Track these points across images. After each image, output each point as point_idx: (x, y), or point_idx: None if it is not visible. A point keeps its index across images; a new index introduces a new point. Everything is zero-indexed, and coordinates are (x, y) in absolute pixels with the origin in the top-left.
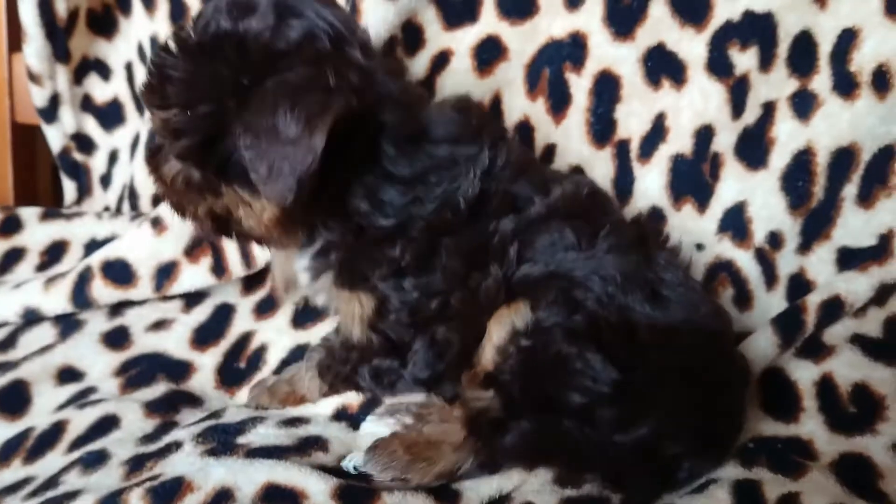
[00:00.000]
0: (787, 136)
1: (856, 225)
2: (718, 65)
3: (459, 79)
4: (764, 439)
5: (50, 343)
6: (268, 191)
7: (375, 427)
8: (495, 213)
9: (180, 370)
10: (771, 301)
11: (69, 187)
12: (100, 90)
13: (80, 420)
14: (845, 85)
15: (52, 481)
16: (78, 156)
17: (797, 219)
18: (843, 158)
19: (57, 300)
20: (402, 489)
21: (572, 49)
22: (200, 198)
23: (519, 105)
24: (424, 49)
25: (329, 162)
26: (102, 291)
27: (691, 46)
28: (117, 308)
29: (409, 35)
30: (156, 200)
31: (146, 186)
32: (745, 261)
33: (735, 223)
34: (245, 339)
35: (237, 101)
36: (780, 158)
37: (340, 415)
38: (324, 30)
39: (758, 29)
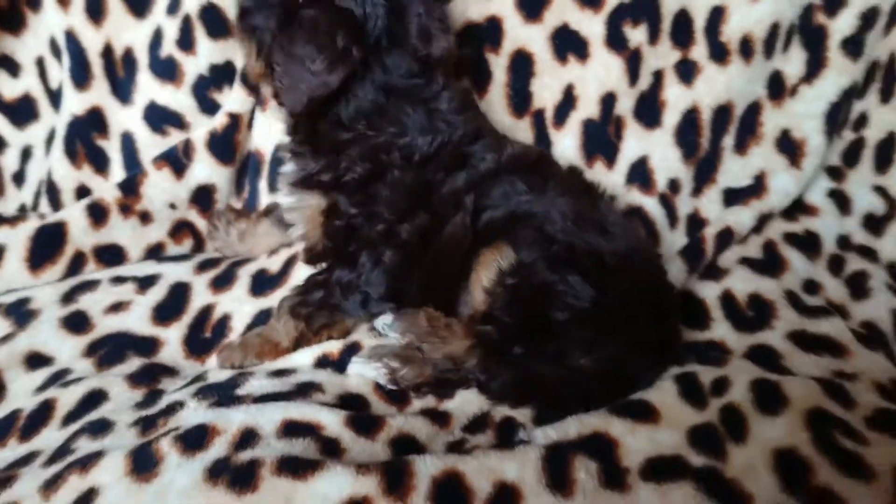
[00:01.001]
0: (676, 98)
1: (735, 169)
2: (615, 40)
3: None
4: (688, 344)
5: (8, 333)
6: (284, 98)
7: (362, 368)
8: (444, 166)
9: (148, 346)
10: (674, 237)
11: None
12: (9, 87)
13: (67, 397)
14: (719, 53)
15: (63, 449)
16: None
17: (690, 167)
18: (722, 114)
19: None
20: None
21: (490, 31)
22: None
23: None
24: None
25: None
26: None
27: (591, 25)
28: (69, 295)
29: None
30: (80, 194)
31: (68, 180)
32: (651, 206)
33: (640, 175)
34: (207, 311)
35: (279, 28)
36: (671, 117)
37: (323, 362)
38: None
39: (645, 8)
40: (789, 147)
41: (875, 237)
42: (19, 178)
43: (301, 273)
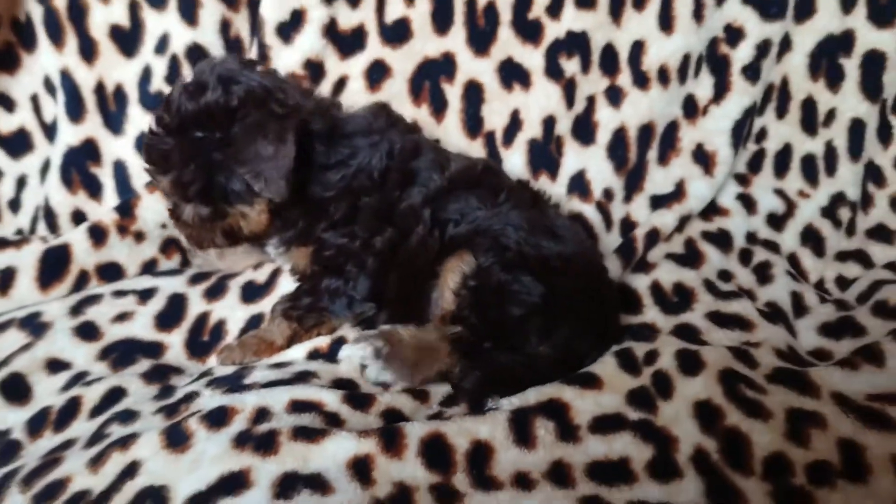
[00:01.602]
0: (607, 119)
1: (659, 178)
2: (553, 70)
3: (356, 97)
4: (625, 326)
5: (27, 342)
6: (268, 193)
7: (352, 350)
8: (398, 184)
9: (154, 349)
10: (610, 239)
11: None
12: (5, 121)
13: (91, 394)
14: (641, 80)
15: (98, 435)
16: None
17: (621, 178)
18: (646, 132)
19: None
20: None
21: (445, 65)
22: (212, 226)
23: (407, 112)
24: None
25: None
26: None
27: (532, 58)
28: (77, 308)
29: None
30: (76, 218)
31: (64, 205)
32: (590, 212)
33: (579, 185)
34: (203, 317)
35: (221, 151)
36: (603, 135)
37: (314, 355)
38: (256, 84)
39: (577, 43)
40: (703, 158)
41: (777, 232)
42: (15, 204)
43: (286, 283)
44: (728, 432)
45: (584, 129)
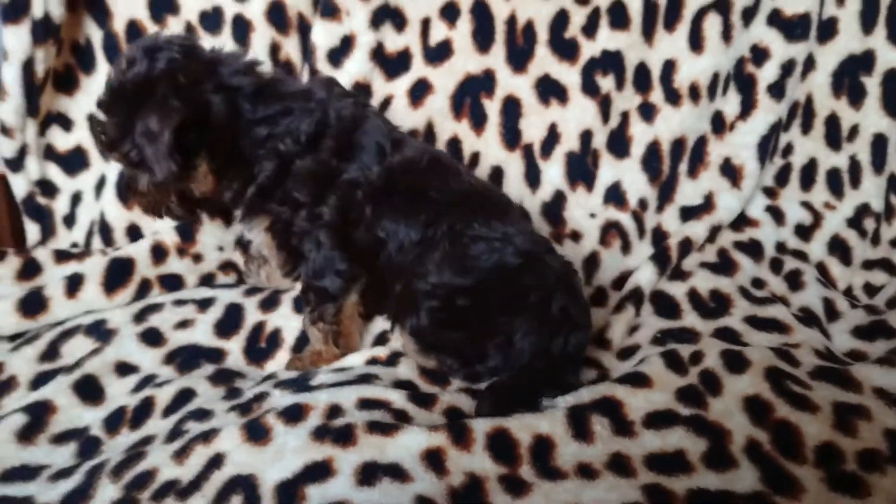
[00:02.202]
0: (640, 133)
1: (688, 190)
2: (589, 87)
3: (399, 114)
4: (665, 331)
5: (96, 347)
6: (158, 172)
7: None
8: (333, 152)
9: (215, 355)
10: (642, 247)
11: (32, 229)
12: (62, 140)
13: (163, 395)
14: (673, 97)
15: (176, 431)
16: (42, 200)
17: (654, 189)
18: (678, 146)
19: (118, 304)
20: None
21: (485, 81)
22: (166, 192)
23: (448, 126)
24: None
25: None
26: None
27: (569, 75)
28: (140, 315)
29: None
30: (131, 232)
31: (120, 220)
32: (626, 220)
33: (615, 196)
34: (259, 326)
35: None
36: (637, 149)
37: (372, 362)
38: (176, 52)
39: (611, 62)
40: (731, 172)
41: (805, 242)
42: (70, 220)
43: None
44: (778, 424)
45: (619, 143)
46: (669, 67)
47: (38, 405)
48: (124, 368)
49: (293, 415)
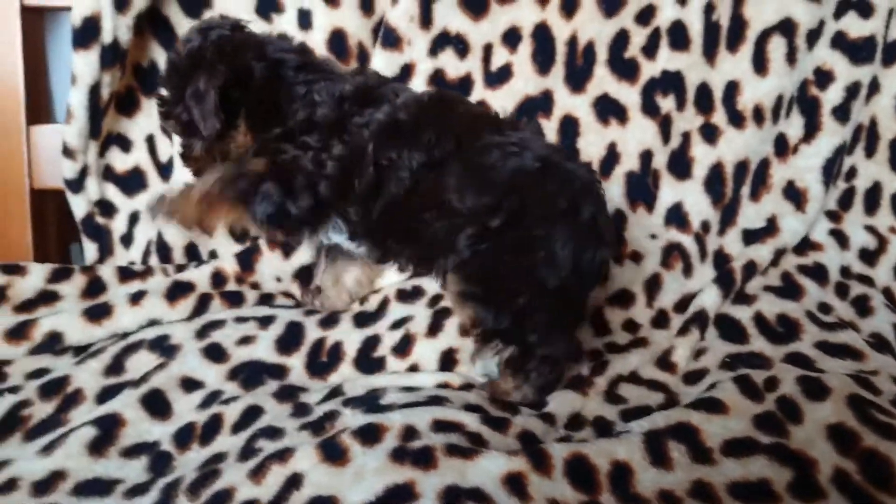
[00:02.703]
0: (702, 154)
1: (750, 213)
2: (649, 107)
3: None
4: (734, 355)
5: (161, 363)
6: (204, 129)
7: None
8: (355, 101)
9: (278, 371)
10: (704, 270)
11: (90, 248)
12: (120, 161)
13: (230, 412)
14: (736, 119)
15: (248, 449)
16: (100, 219)
17: (717, 211)
18: (741, 169)
19: (180, 313)
20: None
21: (543, 101)
22: (212, 154)
23: None
24: None
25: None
26: (217, 308)
27: (628, 95)
28: (202, 332)
29: None
30: (189, 251)
31: (178, 239)
32: (688, 243)
33: (677, 217)
34: (320, 341)
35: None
36: (700, 170)
37: (443, 387)
38: (227, 28)
39: (672, 82)
40: (794, 195)
41: (870, 267)
42: (127, 239)
43: (397, 310)
44: (866, 454)
45: (680, 164)
46: (732, 89)
47: (108, 418)
48: (189, 384)
49: (369, 435)
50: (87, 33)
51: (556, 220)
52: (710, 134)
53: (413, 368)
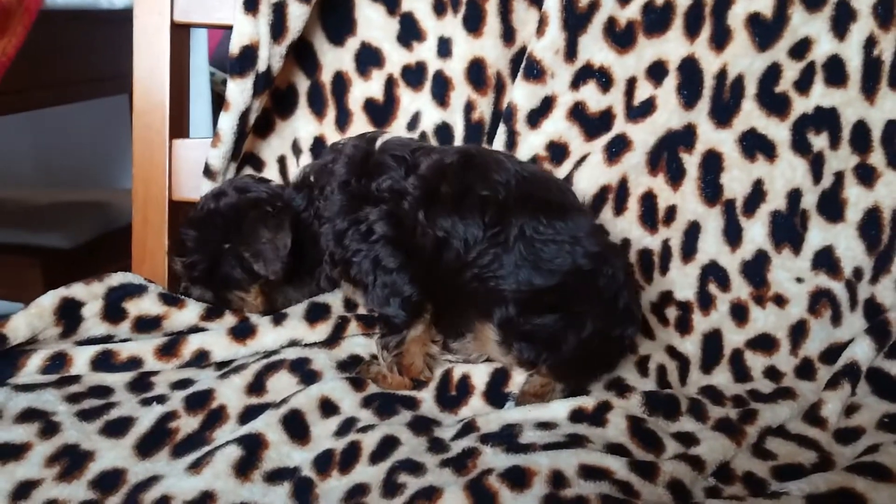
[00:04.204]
0: (856, 197)
1: None
2: (800, 144)
3: (593, 170)
4: (892, 415)
5: (301, 388)
6: (264, 271)
7: None
8: (358, 177)
9: (410, 402)
10: (853, 319)
11: None
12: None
13: (368, 440)
14: None
15: (392, 483)
16: None
17: (871, 258)
18: None
19: (319, 334)
20: None
21: (685, 136)
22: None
23: (643, 181)
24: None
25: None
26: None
27: (777, 131)
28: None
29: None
30: None
31: None
32: (838, 290)
33: (827, 262)
34: (447, 373)
35: (230, 241)
36: (853, 214)
37: (578, 416)
38: (263, 193)
39: (826, 119)
40: None
41: None
42: None
43: None
44: None
45: (832, 206)
46: (893, 129)
47: (251, 439)
48: (328, 407)
49: (517, 479)
50: (244, 62)
51: (595, 305)
52: (866, 175)
53: None
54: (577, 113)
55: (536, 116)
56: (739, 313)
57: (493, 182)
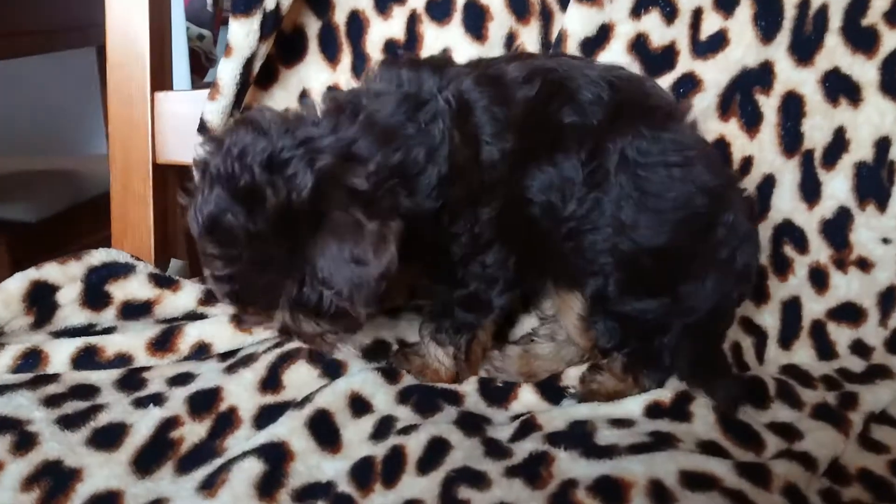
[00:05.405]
0: None
1: None
2: (889, 86)
3: None
4: None
5: (323, 381)
6: (353, 306)
7: None
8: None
9: (452, 396)
10: None
11: None
12: None
13: (413, 444)
14: None
15: (449, 499)
16: None
17: None
18: None
19: None
20: None
21: (761, 75)
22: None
23: (713, 127)
24: None
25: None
26: None
27: (864, 70)
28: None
29: None
30: None
31: None
32: None
33: None
34: None
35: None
36: None
37: (654, 411)
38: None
39: None
40: None
41: None
42: None
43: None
44: None
45: None
46: None
47: (273, 448)
48: (359, 404)
49: (610, 493)
50: None
51: (711, 266)
52: None
53: None
54: (640, 46)
55: (592, 46)
56: (819, 279)
57: (584, 104)
